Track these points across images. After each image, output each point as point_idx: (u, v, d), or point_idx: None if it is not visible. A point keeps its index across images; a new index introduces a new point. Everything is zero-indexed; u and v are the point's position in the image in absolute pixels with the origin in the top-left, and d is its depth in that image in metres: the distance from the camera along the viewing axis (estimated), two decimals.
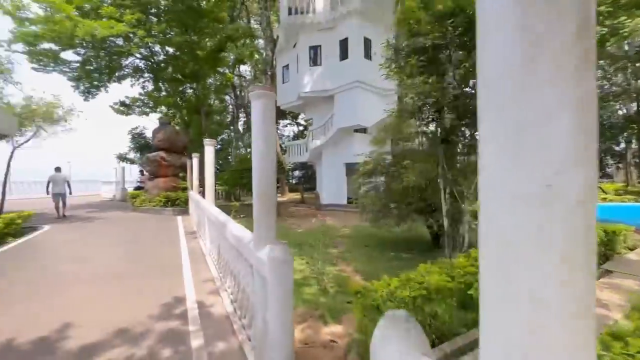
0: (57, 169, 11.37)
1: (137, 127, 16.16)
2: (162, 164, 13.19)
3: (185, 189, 13.62)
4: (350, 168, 16.14)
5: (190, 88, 15.88)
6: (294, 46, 17.49)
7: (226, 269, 4.22)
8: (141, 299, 4.06)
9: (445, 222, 4.54)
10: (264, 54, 15.37)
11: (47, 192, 11.06)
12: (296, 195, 25.78)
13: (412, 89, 3.66)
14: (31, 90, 15.93)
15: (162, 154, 13.18)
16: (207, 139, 8.16)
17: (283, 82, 17.88)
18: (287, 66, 18.07)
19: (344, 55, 15.41)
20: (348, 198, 16.09)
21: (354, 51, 15.00)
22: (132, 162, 16.33)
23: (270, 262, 2.02)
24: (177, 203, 12.81)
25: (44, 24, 11.29)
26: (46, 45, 12.60)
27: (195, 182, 13.88)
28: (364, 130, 16.48)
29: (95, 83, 14.01)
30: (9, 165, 9.84)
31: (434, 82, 3.58)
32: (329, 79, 15.79)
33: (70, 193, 11.59)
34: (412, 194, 6.00)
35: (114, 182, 20.19)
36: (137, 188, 15.16)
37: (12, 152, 9.91)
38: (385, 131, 6.13)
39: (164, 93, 15.96)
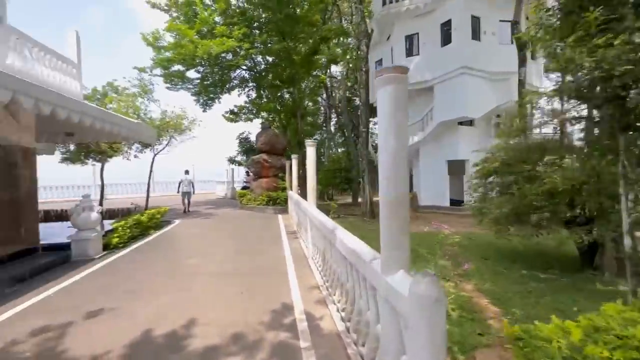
0: (186, 172, 13.75)
1: (243, 133, 18.09)
2: (264, 165, 14.17)
3: (284, 189, 14.34)
4: (454, 166, 14.44)
5: (288, 92, 16.70)
6: (388, 39, 16.62)
7: (334, 279, 3.91)
8: (253, 302, 4.10)
9: (628, 241, 3.25)
10: (358, 51, 14.97)
11: (178, 191, 13.41)
12: None
13: (584, 56, 2.64)
14: (165, 106, 19.28)
15: (264, 156, 14.18)
16: (308, 140, 8.17)
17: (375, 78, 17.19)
18: (379, 61, 17.33)
19: (446, 40, 13.82)
20: (451, 200, 14.43)
21: (459, 33, 13.28)
22: (239, 164, 18.21)
23: (415, 300, 1.50)
24: (278, 202, 13.55)
25: (173, 49, 13.38)
26: (175, 68, 14.97)
27: (294, 182, 14.47)
28: (469, 122, 14.52)
29: (211, 96, 16.04)
30: (151, 169, 11.95)
31: (622, 43, 2.50)
32: (428, 69, 14.41)
33: (194, 192, 13.75)
34: (559, 199, 4.68)
35: (225, 181, 22.97)
36: (244, 188, 16.75)
37: (153, 158, 12.02)
38: (517, 120, 4.94)
39: (264, 100, 17.22)
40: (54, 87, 7.18)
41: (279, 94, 16.83)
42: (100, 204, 11.05)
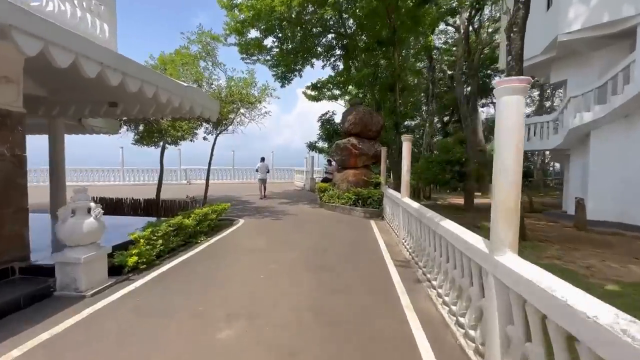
0: (262, 159, 14.11)
1: (326, 113, 14.99)
2: (353, 152, 10.77)
3: (377, 185, 10.74)
4: None
5: (385, 58, 12.80)
6: None
7: None
8: None
9: None
10: None
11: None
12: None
13: None
14: (232, 71, 16.95)
15: (353, 140, 10.77)
16: (405, 135, 6.31)
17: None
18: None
19: None
20: None
21: None
22: (320, 151, 15.26)
23: None
24: (369, 203, 10.03)
25: (248, 6, 10.81)
26: (252, 35, 12.54)
27: (382, 176, 10.73)
28: None
29: (292, 66, 13.26)
30: (212, 153, 9.72)
31: None
32: (629, 1, 8.75)
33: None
34: None
35: (304, 171, 20.51)
36: (325, 180, 13.75)
37: (215, 139, 9.75)
38: None
39: (353, 71, 13.69)
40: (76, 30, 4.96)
41: (373, 62, 13.06)
42: (158, 194, 9.23)
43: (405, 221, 6.12)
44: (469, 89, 17.84)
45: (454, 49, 17.82)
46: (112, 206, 8.62)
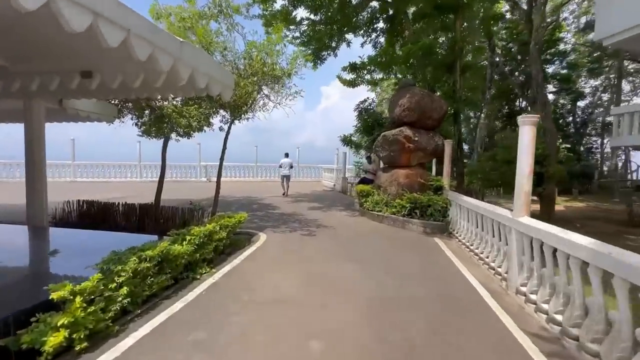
0: (286, 155, 13.61)
1: (364, 100, 12.55)
2: (406, 146, 8.29)
3: (438, 190, 8.22)
4: None
5: (443, 28, 10.14)
6: None
7: None
8: None
9: None
10: None
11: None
12: (582, 203, 15.40)
13: None
14: (252, 35, 14.25)
15: (407, 131, 8.28)
16: (525, 115, 4.03)
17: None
18: None
19: None
20: None
21: None
22: (357, 145, 12.87)
23: None
24: (430, 213, 7.55)
25: None
26: (278, 5, 10.34)
27: (445, 178, 8.21)
28: None
29: (326, 43, 10.91)
30: (225, 145, 7.62)
31: None
32: None
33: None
34: None
35: (335, 169, 18.18)
36: (362, 181, 11.33)
37: (230, 126, 7.63)
38: None
39: (400, 49, 11.14)
40: None
41: (427, 34, 10.43)
42: (158, 196, 7.27)
43: (530, 258, 3.63)
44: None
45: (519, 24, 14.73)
46: (101, 214, 6.71)
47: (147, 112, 7.58)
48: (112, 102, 7.77)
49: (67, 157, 18.02)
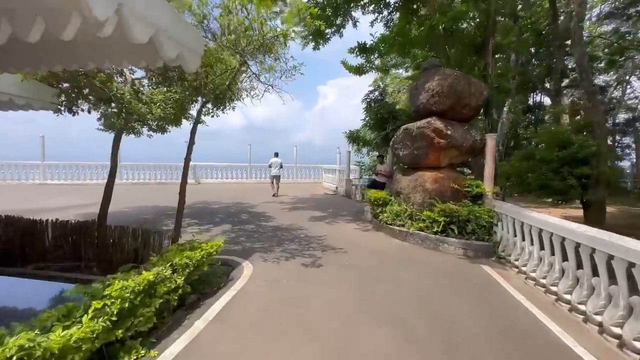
0: (275, 154, 13.06)
1: (374, 90, 10.64)
2: (435, 142, 6.44)
3: (477, 198, 6.39)
4: None
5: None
6: None
7: None
8: None
9: None
10: None
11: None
12: (611, 207, 13.37)
13: None
14: None
15: (436, 122, 6.43)
16: None
17: None
18: None
19: None
20: None
21: None
22: (365, 143, 11.01)
23: None
24: (471, 230, 5.72)
25: None
26: None
27: (488, 183, 6.42)
28: None
29: (330, 18, 8.99)
30: (193, 136, 5.72)
31: None
32: None
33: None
34: None
35: (336, 170, 16.32)
36: (373, 185, 9.49)
37: (199, 112, 5.74)
38: None
39: (417, 27, 9.29)
40: None
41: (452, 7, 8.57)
42: (103, 210, 5.36)
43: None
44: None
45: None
46: (21, 238, 4.78)
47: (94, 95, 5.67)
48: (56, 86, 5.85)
49: (36, 156, 16.03)
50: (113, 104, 5.42)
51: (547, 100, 21.69)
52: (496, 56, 9.28)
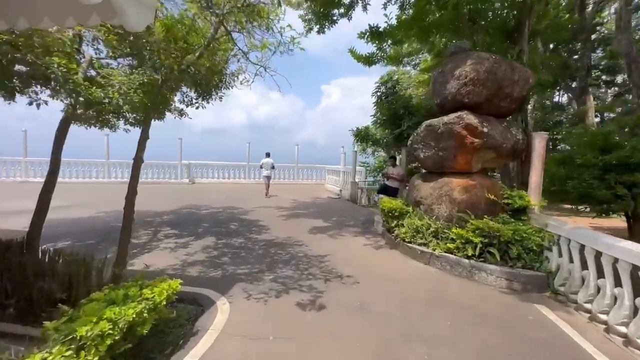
0: (267, 155, 12.79)
1: (387, 81, 9.30)
2: (468, 142, 5.16)
3: (518, 212, 5.11)
4: None
5: None
6: None
7: None
8: None
9: None
10: None
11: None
12: None
13: None
14: None
15: (468, 117, 5.15)
16: None
17: None
18: None
19: None
20: None
21: None
22: (374, 142, 9.74)
23: None
24: (517, 254, 4.44)
25: None
26: None
27: (534, 193, 5.12)
28: None
29: None
30: (143, 134, 4.44)
31: None
32: None
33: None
34: None
35: (340, 171, 15.04)
36: (383, 190, 8.22)
37: (154, 105, 4.47)
38: None
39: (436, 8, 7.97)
40: None
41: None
42: (36, 222, 4.12)
43: None
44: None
45: None
46: None
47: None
48: None
49: (17, 152, 14.90)
50: (56, 87, 4.17)
51: (563, 99, 20.31)
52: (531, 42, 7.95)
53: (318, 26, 8.00)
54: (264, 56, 4.60)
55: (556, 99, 19.81)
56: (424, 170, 7.60)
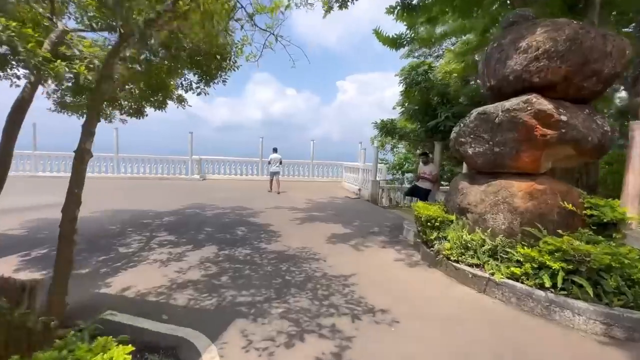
0: (274, 150, 12.49)
1: (419, 65, 7.97)
2: (537, 135, 3.97)
3: (605, 227, 3.84)
4: None
5: None
6: None
7: None
8: None
9: None
10: None
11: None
12: None
13: None
14: None
15: (540, 101, 3.94)
16: None
17: None
18: None
19: None
20: None
21: None
22: (402, 136, 8.54)
23: None
24: (615, 288, 3.21)
25: None
26: None
27: (631, 203, 3.74)
28: None
29: None
30: (88, 122, 3.47)
31: None
32: None
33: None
34: None
35: (359, 168, 13.86)
36: (413, 192, 7.05)
37: (99, 85, 3.50)
38: None
39: None
40: None
41: None
42: None
43: None
44: None
45: None
46: None
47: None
48: None
49: (27, 146, 14.53)
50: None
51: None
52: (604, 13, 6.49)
53: (338, 3, 6.83)
54: (274, 21, 3.53)
55: None
56: (465, 170, 6.39)
